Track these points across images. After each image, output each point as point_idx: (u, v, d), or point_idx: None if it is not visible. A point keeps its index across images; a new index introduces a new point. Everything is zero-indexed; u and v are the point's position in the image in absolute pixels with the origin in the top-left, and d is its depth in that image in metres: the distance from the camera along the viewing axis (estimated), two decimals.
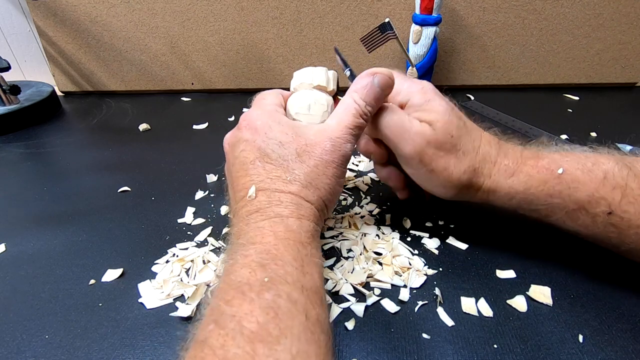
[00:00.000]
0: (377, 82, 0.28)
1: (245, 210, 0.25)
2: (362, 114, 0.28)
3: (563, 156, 0.27)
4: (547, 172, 0.27)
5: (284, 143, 0.27)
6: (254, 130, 0.28)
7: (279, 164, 0.26)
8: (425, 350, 0.25)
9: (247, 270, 0.21)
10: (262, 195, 0.25)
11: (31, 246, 0.35)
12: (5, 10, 0.68)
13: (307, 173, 0.26)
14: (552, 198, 0.27)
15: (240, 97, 0.67)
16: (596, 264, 0.30)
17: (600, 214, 0.26)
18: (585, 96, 0.62)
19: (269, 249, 0.22)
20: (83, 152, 0.52)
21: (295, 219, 0.25)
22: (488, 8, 0.60)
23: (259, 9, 0.62)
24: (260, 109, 0.29)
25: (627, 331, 0.25)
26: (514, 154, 0.29)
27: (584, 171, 0.26)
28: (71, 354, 0.25)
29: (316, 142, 0.27)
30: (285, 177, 0.26)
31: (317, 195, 0.26)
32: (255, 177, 0.26)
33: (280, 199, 0.25)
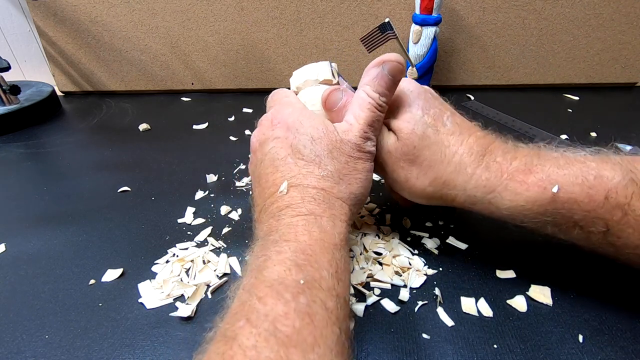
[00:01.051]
0: (388, 70, 0.27)
1: (275, 206, 0.25)
2: (377, 106, 0.27)
3: (560, 167, 0.24)
4: (538, 189, 0.24)
5: (316, 139, 0.27)
6: (285, 128, 0.27)
7: (311, 160, 0.26)
8: (425, 350, 0.25)
9: (281, 268, 0.20)
10: (294, 191, 0.25)
11: (31, 246, 0.35)
12: (5, 10, 0.68)
13: (339, 169, 0.26)
14: (543, 216, 0.25)
15: (240, 97, 0.67)
16: (596, 263, 0.30)
17: (596, 232, 0.23)
18: (585, 96, 0.62)
19: (304, 248, 0.21)
20: (83, 152, 0.52)
21: (328, 218, 0.24)
22: (488, 8, 0.60)
23: (259, 9, 0.62)
24: (291, 107, 0.29)
25: (627, 331, 0.25)
26: (498, 165, 0.26)
27: (584, 187, 0.23)
28: (71, 354, 0.25)
29: (345, 138, 0.27)
30: (318, 172, 0.26)
31: (349, 191, 0.26)
32: (286, 173, 0.26)
33: (313, 196, 0.25)
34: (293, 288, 0.19)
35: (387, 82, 0.27)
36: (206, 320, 0.27)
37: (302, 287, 0.19)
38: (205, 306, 0.28)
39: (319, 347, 0.17)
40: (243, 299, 0.19)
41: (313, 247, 0.22)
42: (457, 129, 0.28)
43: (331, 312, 0.19)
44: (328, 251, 0.22)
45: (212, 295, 0.29)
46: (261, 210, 0.26)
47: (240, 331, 0.18)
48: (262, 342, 0.17)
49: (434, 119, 0.28)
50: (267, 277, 0.20)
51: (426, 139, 0.27)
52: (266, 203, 0.26)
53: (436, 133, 0.28)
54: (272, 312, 0.18)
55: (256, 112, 0.61)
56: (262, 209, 0.26)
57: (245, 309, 0.19)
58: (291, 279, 0.19)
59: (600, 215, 0.23)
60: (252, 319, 0.18)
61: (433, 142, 0.27)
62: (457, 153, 0.27)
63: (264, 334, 0.17)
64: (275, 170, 0.26)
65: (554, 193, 0.23)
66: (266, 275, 0.20)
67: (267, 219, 0.25)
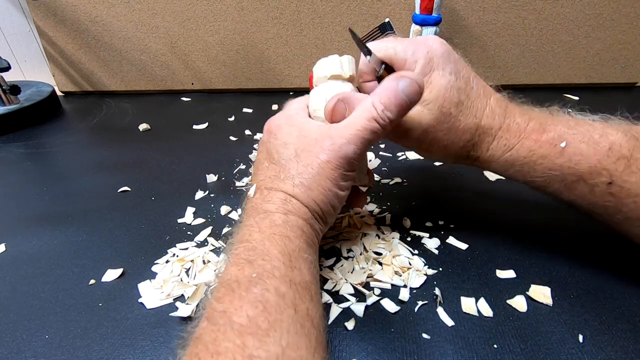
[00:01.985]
0: (402, 88, 0.25)
1: (245, 208, 0.27)
2: (379, 118, 0.25)
3: (570, 128, 0.26)
4: (549, 146, 0.26)
5: (287, 143, 0.27)
6: (268, 133, 0.29)
7: (279, 164, 0.27)
8: (425, 350, 0.25)
9: (236, 268, 0.21)
10: (258, 194, 0.27)
11: (31, 246, 0.35)
12: (5, 10, 0.68)
13: (300, 172, 0.26)
14: (551, 171, 0.27)
15: (240, 97, 0.67)
16: (596, 263, 0.30)
17: (599, 184, 0.25)
18: (585, 96, 0.62)
19: (255, 245, 0.23)
20: (83, 152, 0.52)
21: (281, 214, 0.25)
22: (488, 8, 0.59)
23: (259, 9, 0.62)
24: (282, 113, 0.30)
25: (627, 331, 0.25)
26: (517, 126, 0.28)
27: (589, 144, 0.25)
28: (71, 354, 0.25)
29: (317, 140, 0.26)
30: (280, 175, 0.27)
31: (308, 196, 0.25)
32: (259, 177, 0.28)
33: (270, 197, 0.26)
34: (246, 283, 0.20)
35: (399, 99, 0.25)
36: None
37: (254, 280, 0.20)
38: None
39: (275, 331, 0.18)
40: (207, 304, 0.21)
41: (264, 242, 0.23)
42: (481, 90, 0.29)
43: (284, 296, 0.20)
44: (279, 243, 0.23)
45: None
46: None
47: (204, 331, 0.19)
48: (220, 336, 0.18)
49: (465, 83, 0.28)
50: (223, 278, 0.21)
51: (460, 105, 0.28)
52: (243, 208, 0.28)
53: (467, 98, 0.28)
54: (229, 308, 0.19)
55: (256, 112, 0.61)
56: None
57: (207, 311, 0.20)
58: (243, 276, 0.21)
59: (605, 166, 0.25)
60: (211, 317, 0.19)
61: (465, 106, 0.28)
62: (484, 116, 0.28)
63: (222, 328, 0.18)
64: (255, 174, 0.29)
65: (562, 148, 0.26)
66: (224, 277, 0.22)
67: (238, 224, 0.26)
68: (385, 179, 0.43)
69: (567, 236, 0.33)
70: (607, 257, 0.31)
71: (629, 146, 0.25)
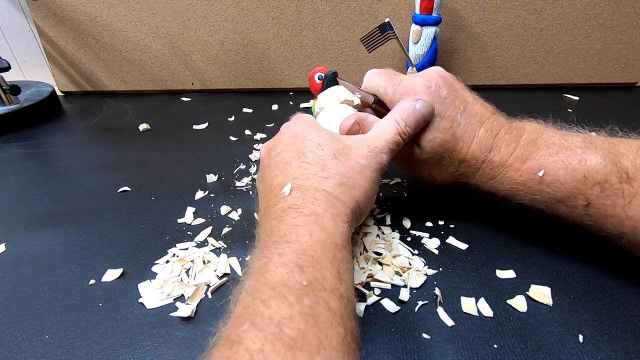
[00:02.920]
0: (419, 109, 0.30)
1: (278, 207, 0.25)
2: (402, 132, 0.30)
3: (551, 155, 0.28)
4: (529, 174, 0.28)
5: (322, 145, 0.28)
6: (293, 135, 0.29)
7: (315, 163, 0.27)
8: (425, 350, 0.25)
9: (284, 270, 0.20)
10: (296, 192, 0.26)
11: (31, 246, 0.35)
12: (5, 10, 0.68)
13: (342, 173, 0.27)
14: (533, 196, 0.29)
15: (240, 97, 0.67)
16: (596, 264, 0.30)
17: (578, 206, 0.27)
18: (585, 96, 0.62)
19: (305, 249, 0.22)
20: (83, 152, 0.52)
21: (329, 218, 0.24)
22: (488, 8, 0.60)
23: (259, 9, 0.62)
24: (299, 120, 0.31)
25: (627, 331, 0.25)
26: (501, 158, 0.30)
27: (567, 170, 0.27)
28: (71, 354, 0.25)
29: (353, 146, 0.29)
30: (321, 174, 0.26)
31: (350, 195, 0.27)
32: (290, 176, 0.27)
33: (315, 196, 0.25)
34: (296, 290, 0.19)
35: (417, 118, 0.30)
36: (206, 321, 0.27)
37: (305, 289, 0.19)
38: (205, 306, 0.28)
39: (325, 349, 0.17)
40: (246, 303, 0.19)
41: (314, 248, 0.22)
42: (470, 122, 0.31)
43: (335, 312, 0.19)
44: (329, 251, 0.22)
45: (212, 295, 0.29)
46: (264, 213, 0.27)
47: (245, 335, 0.17)
48: (268, 346, 0.17)
49: (451, 122, 0.31)
50: (270, 280, 0.20)
51: (445, 144, 0.31)
52: (269, 204, 0.26)
53: (453, 136, 0.31)
54: (277, 315, 0.18)
55: (256, 112, 0.61)
56: (265, 211, 0.27)
57: (249, 312, 0.19)
58: (294, 281, 0.20)
59: (581, 191, 0.27)
60: (256, 322, 0.18)
61: (451, 145, 0.31)
62: (470, 150, 0.31)
63: (270, 337, 0.17)
64: (280, 173, 0.27)
65: (540, 176, 0.28)
66: (269, 277, 0.20)
67: (269, 220, 0.25)
68: (385, 179, 0.43)
69: (567, 236, 0.33)
70: (607, 257, 0.31)
71: (605, 172, 0.26)
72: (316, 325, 0.18)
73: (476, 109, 0.31)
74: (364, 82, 0.35)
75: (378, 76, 0.34)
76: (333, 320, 0.19)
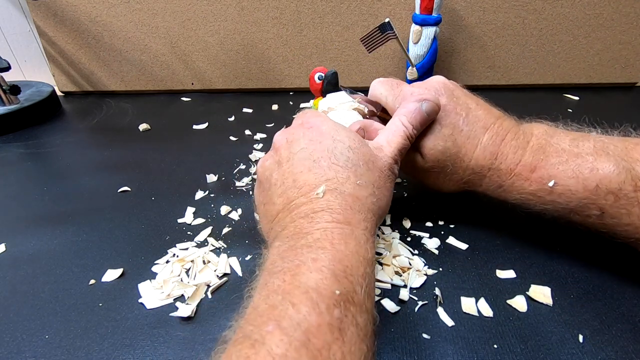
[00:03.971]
0: (425, 108, 0.29)
1: (308, 207, 0.24)
2: (409, 136, 0.29)
3: (561, 163, 0.27)
4: (538, 184, 0.28)
5: (353, 148, 0.27)
6: (319, 132, 0.27)
7: (347, 167, 0.26)
8: (425, 350, 0.25)
9: (318, 276, 0.19)
10: (330, 195, 0.24)
11: (31, 246, 0.35)
12: (5, 10, 0.68)
13: (372, 182, 0.26)
14: (544, 205, 0.28)
15: (240, 97, 0.67)
16: (596, 264, 0.30)
17: (591, 215, 0.26)
18: (585, 96, 0.62)
19: (341, 258, 0.21)
20: (83, 152, 0.52)
21: (362, 230, 0.23)
22: (488, 8, 0.60)
23: (259, 9, 0.62)
24: (321, 117, 0.29)
25: (627, 331, 0.25)
26: (507, 166, 0.29)
27: (578, 180, 0.26)
28: (71, 354, 0.25)
29: (378, 155, 0.28)
30: (354, 180, 0.25)
31: (378, 206, 0.26)
32: (320, 176, 0.25)
33: (350, 205, 0.24)
34: (329, 299, 0.18)
35: (422, 118, 0.30)
36: (206, 321, 0.27)
37: (337, 299, 0.19)
38: (205, 306, 0.28)
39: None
40: (273, 302, 0.19)
41: (349, 258, 0.21)
42: (474, 128, 0.30)
43: (361, 329, 0.19)
44: (362, 265, 0.21)
45: (212, 295, 0.29)
46: (283, 208, 0.26)
47: (270, 336, 0.17)
48: (292, 352, 0.16)
49: (452, 129, 0.30)
50: (303, 283, 0.19)
51: (446, 152, 0.31)
52: (295, 202, 0.25)
53: (455, 144, 0.30)
54: (306, 321, 0.17)
55: (256, 112, 0.61)
56: (286, 207, 0.25)
57: (275, 313, 0.18)
58: (327, 289, 0.19)
59: (594, 201, 0.26)
60: (283, 325, 0.17)
61: (453, 152, 0.31)
62: (474, 158, 0.30)
63: (295, 343, 0.16)
64: (307, 170, 0.26)
65: (551, 186, 0.27)
66: (302, 281, 0.19)
67: (295, 219, 0.24)
68: None
69: (567, 236, 0.33)
70: (607, 257, 0.31)
71: (618, 180, 0.25)
72: (341, 339, 0.17)
73: (479, 114, 0.31)
74: (370, 91, 0.35)
75: (381, 85, 0.34)
76: (358, 336, 0.18)
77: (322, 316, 0.18)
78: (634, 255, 0.30)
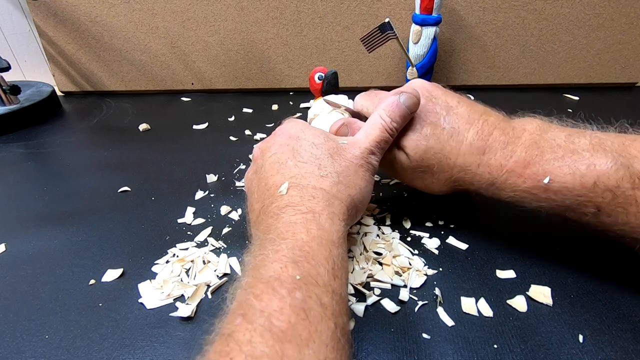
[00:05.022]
0: (403, 101, 0.30)
1: (274, 206, 0.25)
2: (388, 129, 0.30)
3: (556, 159, 0.26)
4: (533, 181, 0.27)
5: (317, 144, 0.28)
6: (287, 136, 0.29)
7: (310, 162, 0.27)
8: (425, 350, 0.25)
9: (278, 265, 0.20)
10: (293, 191, 0.26)
11: (31, 246, 0.35)
12: (5, 10, 0.68)
13: (338, 171, 0.27)
14: (539, 202, 0.27)
15: (240, 97, 0.67)
16: (596, 264, 0.30)
17: (587, 213, 0.26)
18: (585, 96, 0.62)
19: (301, 245, 0.22)
20: (83, 152, 0.52)
21: (326, 215, 0.24)
22: (488, 8, 0.60)
23: (259, 9, 0.62)
24: (293, 122, 0.31)
25: (627, 331, 0.25)
26: (498, 162, 0.28)
27: (575, 176, 0.25)
28: (71, 354, 0.25)
29: (346, 147, 0.29)
30: (317, 172, 0.27)
31: (347, 194, 0.27)
32: (286, 175, 0.27)
33: (312, 195, 0.25)
34: (289, 284, 0.19)
35: (401, 111, 0.30)
36: (206, 321, 0.27)
37: (298, 283, 0.19)
38: (205, 306, 0.29)
39: (314, 342, 0.18)
40: (240, 298, 0.20)
41: (310, 244, 0.22)
42: (456, 125, 0.30)
43: (326, 307, 0.19)
44: (325, 248, 0.22)
45: (212, 295, 0.29)
46: (259, 213, 0.27)
47: (237, 328, 0.18)
48: (257, 337, 0.17)
49: (432, 128, 0.30)
50: (264, 275, 0.20)
51: (430, 150, 0.30)
52: (265, 204, 0.26)
53: (438, 141, 0.30)
54: (268, 308, 0.18)
55: (256, 112, 0.61)
56: (261, 211, 0.27)
57: (242, 306, 0.19)
58: (287, 275, 0.20)
59: (591, 198, 0.25)
60: (247, 315, 0.18)
61: (437, 150, 0.30)
62: (460, 154, 0.29)
63: (260, 329, 0.17)
64: (276, 172, 0.27)
65: (546, 183, 0.26)
66: (263, 272, 0.20)
67: (265, 219, 0.25)
68: (385, 179, 0.43)
69: (567, 236, 0.33)
70: (607, 257, 0.31)
71: (616, 177, 0.24)
72: (306, 318, 0.18)
73: (460, 111, 0.30)
74: (353, 106, 0.37)
75: (362, 98, 0.36)
76: (324, 314, 0.19)
77: (283, 300, 0.19)
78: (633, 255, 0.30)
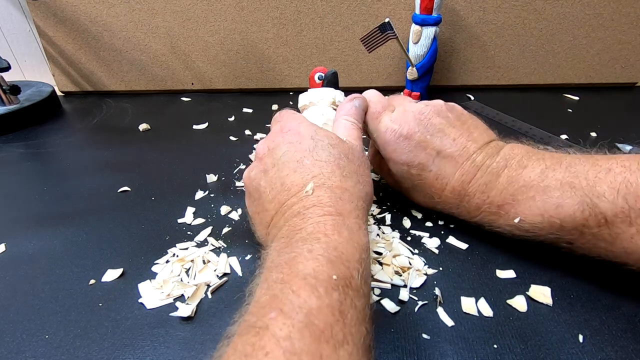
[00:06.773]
0: (358, 104, 0.34)
1: (299, 205, 0.25)
2: (359, 128, 0.33)
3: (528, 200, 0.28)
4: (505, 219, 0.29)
5: (333, 145, 0.28)
6: (297, 134, 0.29)
7: (330, 162, 0.27)
8: (425, 350, 0.25)
9: (314, 263, 0.20)
10: (319, 191, 0.25)
11: (31, 246, 0.35)
12: (5, 10, 0.68)
13: (356, 171, 0.28)
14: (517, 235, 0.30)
15: (240, 97, 0.67)
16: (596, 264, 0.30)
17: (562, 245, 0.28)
18: (585, 96, 0.62)
19: (335, 245, 0.22)
20: (83, 152, 0.52)
21: (355, 218, 0.24)
22: (488, 8, 0.60)
23: (259, 9, 0.62)
24: (299, 119, 0.31)
25: (627, 331, 0.25)
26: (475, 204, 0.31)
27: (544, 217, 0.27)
28: (71, 354, 0.25)
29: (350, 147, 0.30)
30: (339, 173, 0.27)
31: (365, 192, 0.28)
32: (306, 174, 0.26)
33: (339, 196, 0.25)
34: (327, 283, 0.19)
35: (359, 112, 0.34)
36: (206, 321, 0.27)
37: (335, 283, 0.19)
38: (205, 306, 0.28)
39: (348, 345, 0.17)
40: (274, 292, 0.19)
41: (344, 246, 0.22)
42: (443, 170, 0.32)
43: (359, 311, 0.19)
44: (357, 251, 0.22)
45: (212, 295, 0.29)
46: (276, 212, 0.26)
47: (273, 322, 0.17)
48: (296, 334, 0.17)
49: (420, 170, 0.32)
50: (301, 271, 0.20)
51: (415, 188, 0.34)
52: (286, 204, 0.26)
53: (423, 183, 0.33)
54: (306, 305, 0.18)
55: (256, 112, 0.61)
56: (279, 212, 0.26)
57: (277, 301, 0.18)
58: (324, 274, 0.19)
59: (561, 235, 0.27)
60: (285, 310, 0.18)
61: (421, 189, 0.34)
62: (443, 195, 0.32)
63: (298, 325, 0.17)
64: (293, 172, 0.27)
65: (517, 223, 0.28)
66: (299, 269, 0.20)
67: (288, 219, 0.25)
68: None
69: None
70: None
71: (582, 217, 0.25)
72: (341, 320, 0.18)
73: (452, 152, 0.31)
74: None
75: None
76: (357, 318, 0.19)
77: (321, 299, 0.18)
78: None
